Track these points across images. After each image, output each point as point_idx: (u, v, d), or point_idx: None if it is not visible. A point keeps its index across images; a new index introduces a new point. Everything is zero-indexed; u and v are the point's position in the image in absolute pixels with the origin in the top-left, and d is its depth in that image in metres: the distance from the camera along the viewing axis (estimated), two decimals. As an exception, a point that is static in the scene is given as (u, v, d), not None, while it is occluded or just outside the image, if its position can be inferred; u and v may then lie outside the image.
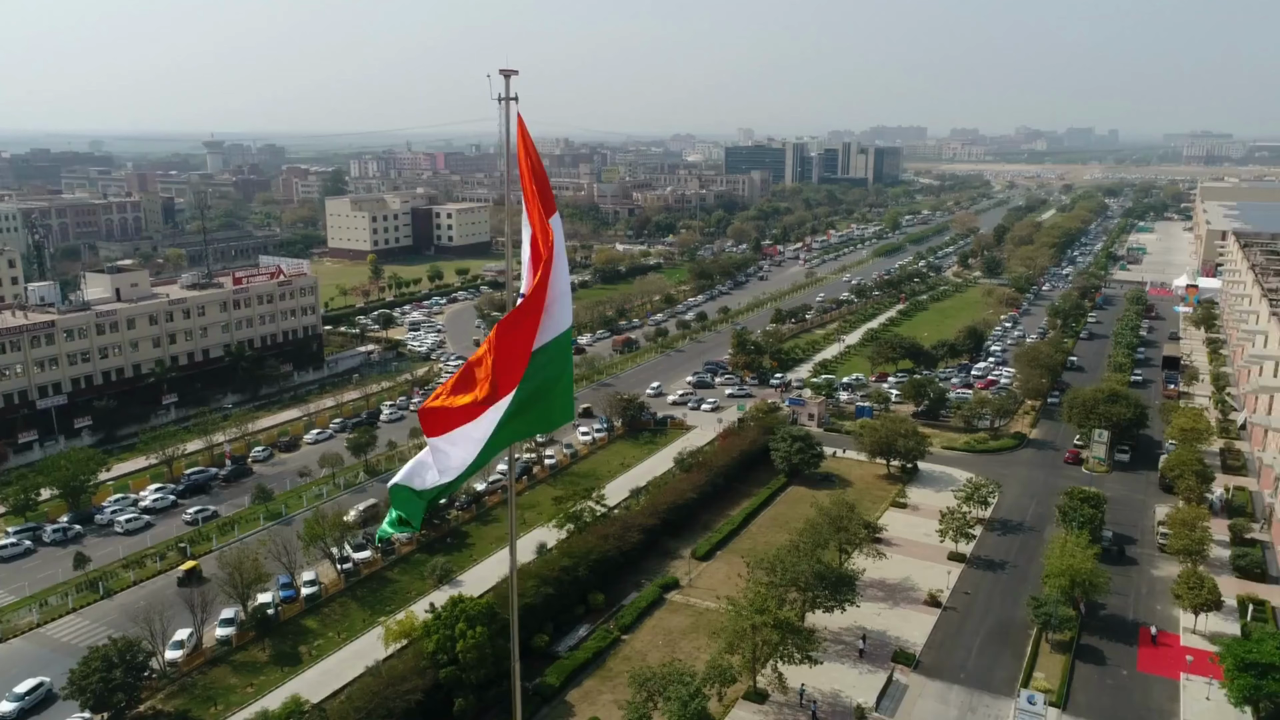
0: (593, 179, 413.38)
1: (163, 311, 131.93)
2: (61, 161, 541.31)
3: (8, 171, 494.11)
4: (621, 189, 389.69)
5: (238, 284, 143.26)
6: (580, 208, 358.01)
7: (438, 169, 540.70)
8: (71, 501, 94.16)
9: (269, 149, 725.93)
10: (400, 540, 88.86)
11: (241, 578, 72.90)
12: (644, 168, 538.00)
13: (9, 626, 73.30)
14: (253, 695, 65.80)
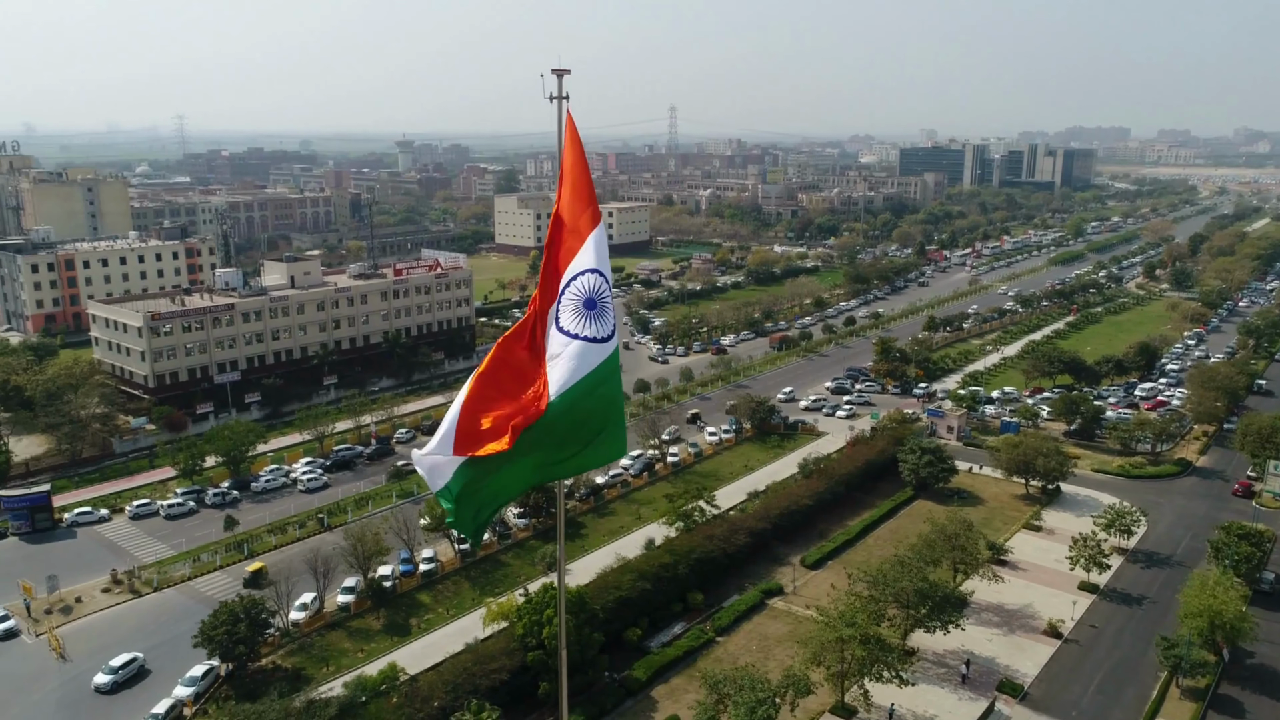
0: (758, 180, 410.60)
1: (329, 298, 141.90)
2: (272, 160, 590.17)
3: (226, 168, 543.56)
4: (786, 190, 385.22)
5: (398, 275, 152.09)
6: (743, 208, 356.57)
7: (608, 169, 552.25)
8: (232, 469, 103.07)
9: (455, 149, 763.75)
10: (518, 526, 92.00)
11: (362, 550, 77.58)
12: (814, 169, 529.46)
13: (165, 578, 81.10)
14: (361, 660, 69.95)
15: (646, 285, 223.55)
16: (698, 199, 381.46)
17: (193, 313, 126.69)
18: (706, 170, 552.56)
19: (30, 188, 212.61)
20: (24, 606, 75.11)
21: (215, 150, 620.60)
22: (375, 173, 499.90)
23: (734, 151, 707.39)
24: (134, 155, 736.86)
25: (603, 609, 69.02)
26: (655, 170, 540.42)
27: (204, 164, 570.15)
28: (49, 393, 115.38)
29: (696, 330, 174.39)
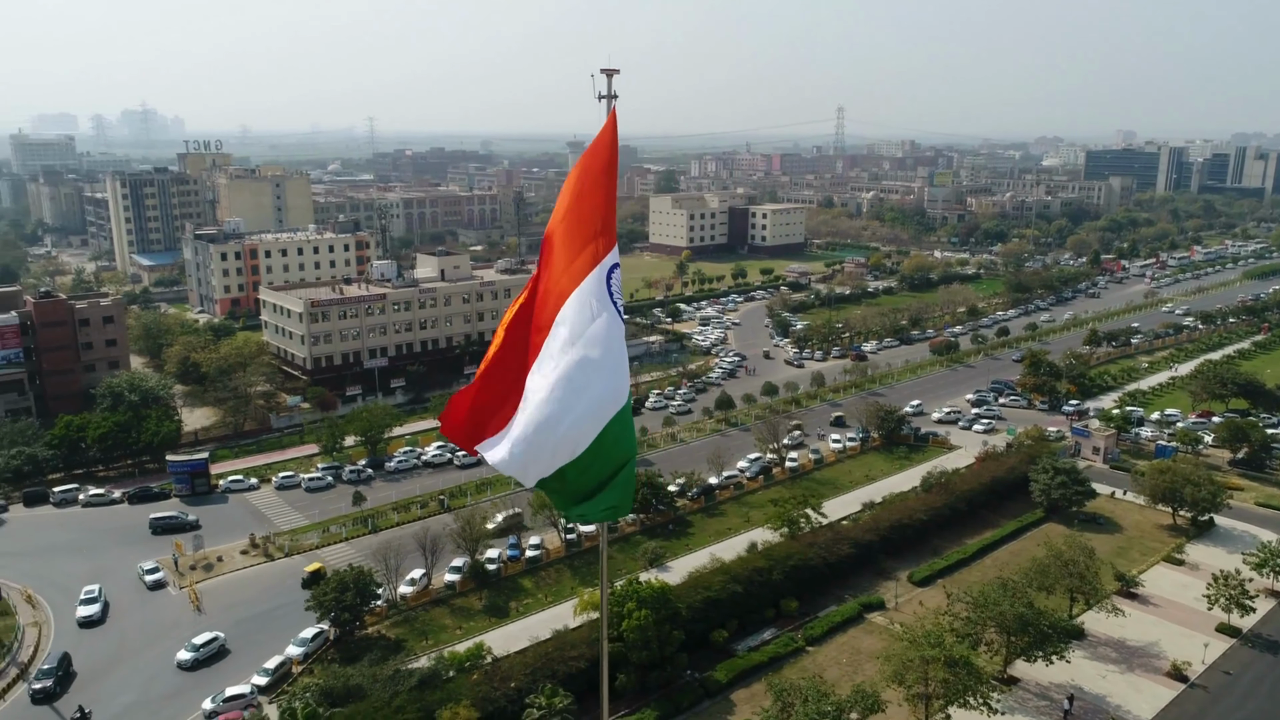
0: (924, 183, 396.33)
1: (474, 291, 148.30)
2: (450, 159, 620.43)
3: (409, 167, 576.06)
4: (954, 194, 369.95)
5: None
6: (905, 212, 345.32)
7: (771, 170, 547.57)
8: (370, 449, 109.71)
9: (625, 150, 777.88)
10: (625, 521, 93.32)
11: (471, 532, 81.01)
12: (988, 172, 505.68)
13: (296, 545, 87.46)
14: (459, 637, 73.03)
15: (794, 288, 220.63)
16: (859, 201, 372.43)
17: (348, 301, 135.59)
18: (874, 173, 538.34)
19: (226, 183, 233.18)
20: (173, 561, 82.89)
21: (400, 150, 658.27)
22: (544, 172, 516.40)
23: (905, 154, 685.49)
24: (331, 154, 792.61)
25: (687, 608, 69.17)
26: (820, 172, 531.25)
27: (389, 163, 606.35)
28: (220, 370, 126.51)
29: (838, 335, 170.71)
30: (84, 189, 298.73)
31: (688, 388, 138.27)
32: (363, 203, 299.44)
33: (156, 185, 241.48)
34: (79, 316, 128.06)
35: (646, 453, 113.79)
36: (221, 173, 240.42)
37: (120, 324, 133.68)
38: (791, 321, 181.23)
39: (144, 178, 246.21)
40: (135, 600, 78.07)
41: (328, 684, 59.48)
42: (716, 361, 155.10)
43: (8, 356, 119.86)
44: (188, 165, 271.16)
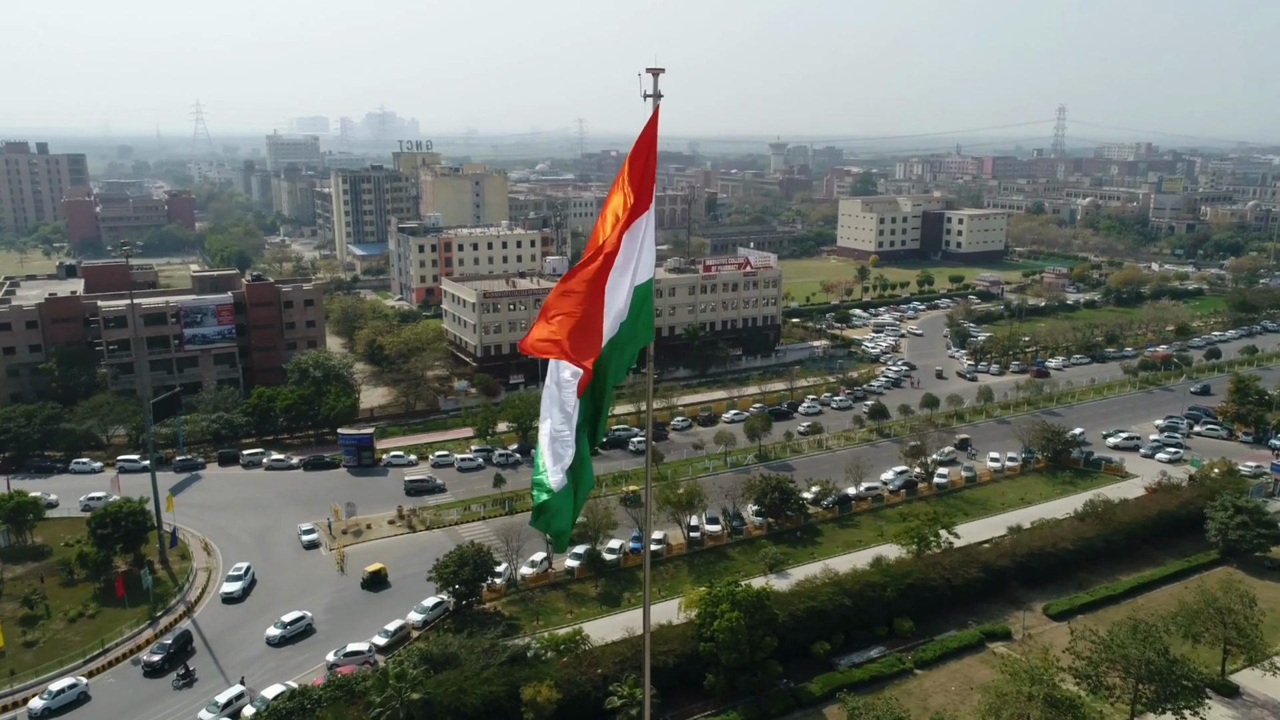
0: (1150, 190, 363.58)
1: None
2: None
3: (613, 167, 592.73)
4: (1185, 202, 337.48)
5: (707, 271, 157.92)
6: (1124, 220, 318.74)
7: (982, 173, 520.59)
8: (521, 435, 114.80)
9: (828, 151, 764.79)
10: (753, 524, 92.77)
11: (594, 521, 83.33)
12: (1234, 178, 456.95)
13: (437, 519, 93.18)
14: (569, 621, 75.32)
15: (982, 298, 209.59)
16: (1073, 208, 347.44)
17: (518, 294, 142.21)
18: (1096, 178, 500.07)
19: (431, 180, 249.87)
20: (327, 525, 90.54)
21: (607, 151, 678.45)
22: (742, 173, 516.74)
23: (1138, 157, 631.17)
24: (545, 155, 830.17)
25: (790, 616, 68.07)
26: (1034, 176, 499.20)
27: (595, 163, 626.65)
28: (400, 353, 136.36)
29: (1020, 349, 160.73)
30: (316, 185, 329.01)
31: (845, 395, 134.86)
32: (558, 200, 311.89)
33: (372, 182, 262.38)
34: (284, 299, 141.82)
35: (789, 458, 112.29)
36: (428, 171, 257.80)
37: (319, 307, 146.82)
38: (972, 332, 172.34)
39: (362, 175, 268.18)
40: (290, 557, 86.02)
41: (428, 650, 63.31)
42: (882, 370, 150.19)
43: (222, 332, 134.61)
44: (401, 164, 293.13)
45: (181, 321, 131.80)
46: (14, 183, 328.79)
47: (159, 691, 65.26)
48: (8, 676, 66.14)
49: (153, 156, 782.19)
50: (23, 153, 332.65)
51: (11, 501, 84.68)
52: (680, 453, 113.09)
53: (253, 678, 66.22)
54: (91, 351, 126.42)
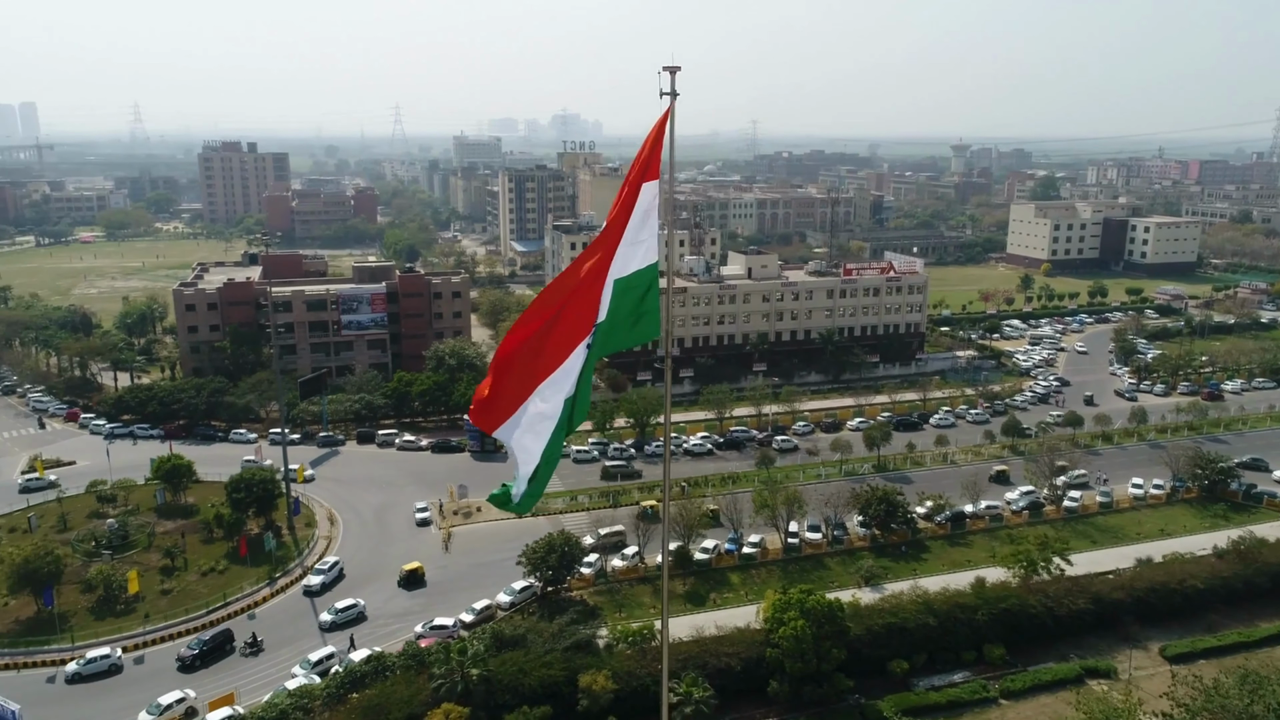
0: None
1: (775, 291, 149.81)
2: (828, 161, 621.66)
3: (783, 168, 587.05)
4: None
5: (847, 275, 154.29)
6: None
7: (1185, 178, 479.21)
8: (640, 430, 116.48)
9: (1016, 154, 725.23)
10: (856, 535, 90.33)
11: (685, 520, 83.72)
12: None
13: (543, 506, 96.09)
14: (651, 615, 76.02)
15: (1161, 312, 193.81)
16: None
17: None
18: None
19: (589, 180, 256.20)
20: (438, 505, 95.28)
21: (779, 153, 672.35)
22: (916, 176, 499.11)
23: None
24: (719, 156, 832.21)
25: (867, 630, 66.15)
26: (1246, 182, 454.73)
27: (766, 164, 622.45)
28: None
29: (1194, 369, 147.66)
30: (488, 183, 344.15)
31: (983, 409, 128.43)
32: (717, 201, 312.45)
33: (536, 181, 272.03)
34: (433, 290, 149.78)
35: (909, 470, 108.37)
36: (587, 170, 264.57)
37: (465, 299, 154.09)
38: (1140, 349, 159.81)
39: (527, 174, 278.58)
40: (403, 533, 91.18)
41: (500, 629, 65.76)
42: (1030, 385, 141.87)
43: (375, 319, 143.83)
44: (564, 164, 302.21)
45: (340, 308, 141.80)
46: (227, 178, 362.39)
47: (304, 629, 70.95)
48: (143, 619, 73.80)
49: (355, 156, 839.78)
50: (236, 151, 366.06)
51: (169, 464, 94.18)
52: (795, 457, 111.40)
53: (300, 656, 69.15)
54: (261, 332, 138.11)
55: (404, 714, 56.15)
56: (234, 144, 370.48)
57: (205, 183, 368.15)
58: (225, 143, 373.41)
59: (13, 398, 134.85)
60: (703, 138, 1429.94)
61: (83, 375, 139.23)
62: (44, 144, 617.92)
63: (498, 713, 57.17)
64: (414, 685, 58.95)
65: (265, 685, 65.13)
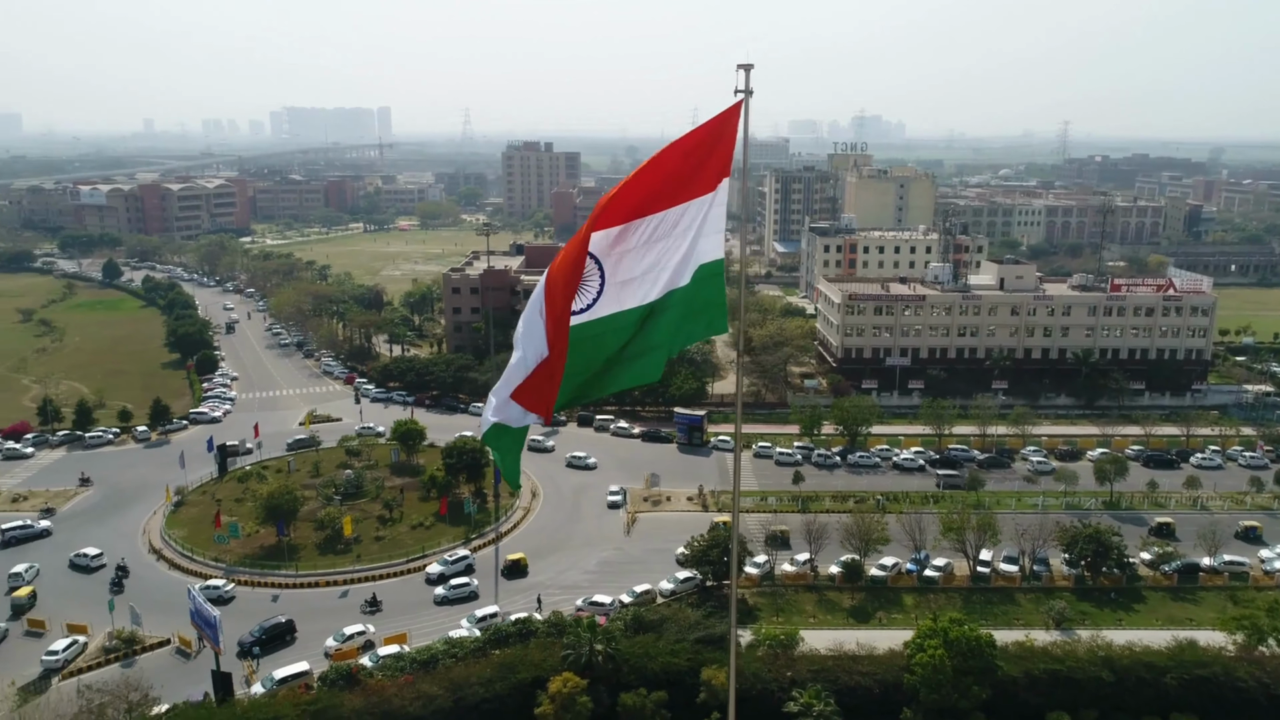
0: None
1: (1026, 305, 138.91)
2: (1149, 166, 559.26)
3: (1094, 174, 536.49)
4: None
5: (1114, 291, 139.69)
6: None
7: None
8: (849, 439, 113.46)
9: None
10: (1060, 573, 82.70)
11: (861, 534, 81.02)
12: None
13: (729, 503, 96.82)
14: (810, 624, 74.63)
15: None
16: None
17: (884, 298, 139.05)
18: None
19: (855, 182, 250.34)
20: (622, 492, 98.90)
21: (1091, 156, 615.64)
22: (1255, 185, 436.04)
23: None
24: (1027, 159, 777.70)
25: (1024, 673, 60.79)
26: None
27: (1075, 169, 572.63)
28: (764, 345, 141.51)
29: None
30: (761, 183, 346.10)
31: (1262, 452, 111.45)
32: (1000, 207, 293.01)
33: (802, 182, 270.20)
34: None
35: (1147, 510, 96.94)
36: (854, 172, 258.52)
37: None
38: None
39: (793, 175, 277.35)
40: (594, 513, 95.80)
41: (640, 613, 67.77)
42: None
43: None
44: (833, 165, 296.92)
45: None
46: (524, 175, 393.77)
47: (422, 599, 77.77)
48: (355, 559, 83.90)
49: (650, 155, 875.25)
50: (534, 150, 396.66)
51: (404, 427, 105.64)
52: (1012, 483, 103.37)
53: (414, 628, 72.39)
54: (513, 316, 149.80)
55: (531, 676, 59.69)
56: (533, 144, 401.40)
57: (506, 179, 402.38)
58: (526, 142, 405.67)
59: (309, 360, 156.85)
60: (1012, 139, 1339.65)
61: (365, 345, 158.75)
62: (385, 143, 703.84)
63: (616, 690, 59.17)
64: (548, 651, 62.43)
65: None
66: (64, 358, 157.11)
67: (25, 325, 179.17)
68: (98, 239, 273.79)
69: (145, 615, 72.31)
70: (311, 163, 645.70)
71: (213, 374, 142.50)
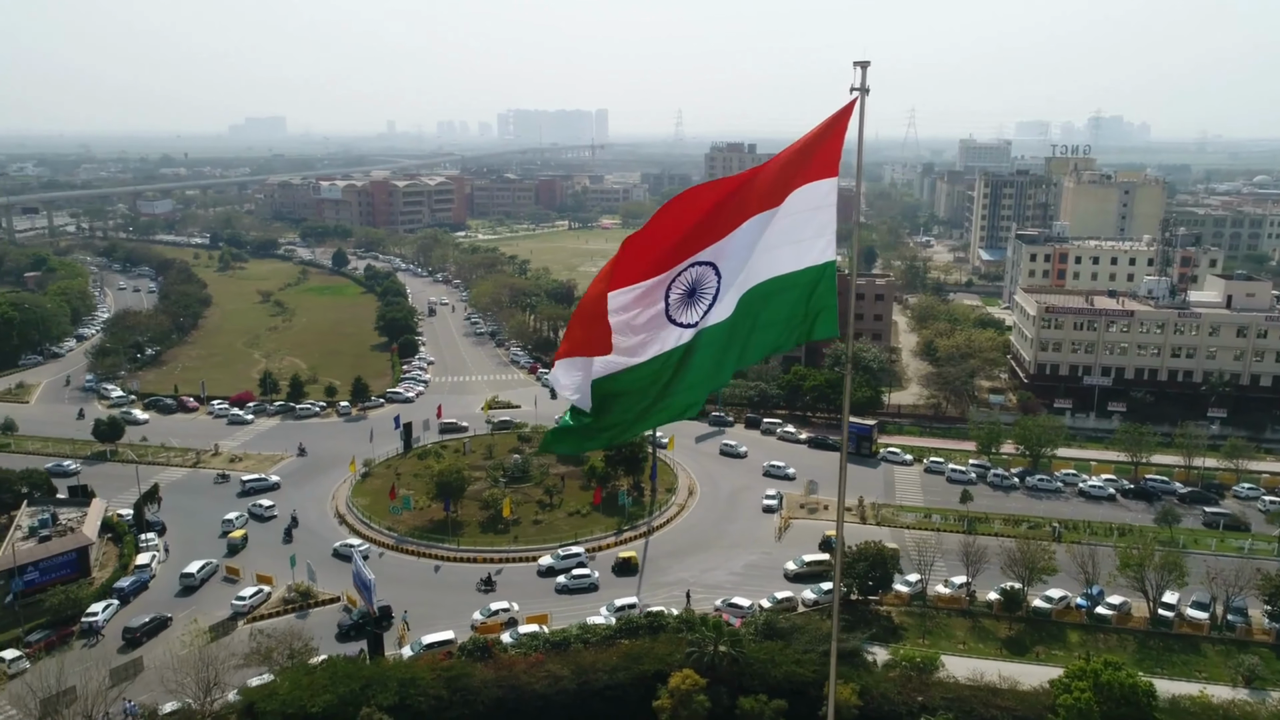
0: None
1: (1256, 325, 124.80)
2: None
3: None
4: None
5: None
6: None
7: None
8: (1031, 460, 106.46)
9: None
10: (1259, 626, 74.07)
11: (1025, 561, 75.95)
12: None
13: (888, 518, 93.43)
14: (959, 651, 70.92)
15: None
16: None
17: (1085, 311, 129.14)
18: None
19: (1072, 187, 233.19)
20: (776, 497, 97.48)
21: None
22: None
23: None
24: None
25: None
26: None
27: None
28: (950, 356, 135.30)
29: None
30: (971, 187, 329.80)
31: None
32: (1249, 218, 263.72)
33: (1015, 187, 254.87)
34: (856, 291, 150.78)
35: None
36: (1073, 177, 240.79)
37: (888, 302, 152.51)
38: None
39: (1005, 179, 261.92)
40: (748, 514, 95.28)
41: (773, 619, 66.85)
42: None
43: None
44: (1051, 169, 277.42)
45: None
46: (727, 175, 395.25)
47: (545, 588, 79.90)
48: (512, 540, 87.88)
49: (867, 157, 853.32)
50: (738, 151, 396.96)
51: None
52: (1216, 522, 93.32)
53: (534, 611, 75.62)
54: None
55: (654, 668, 60.38)
56: (737, 145, 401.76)
57: (709, 179, 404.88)
58: (730, 144, 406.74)
59: (500, 349, 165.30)
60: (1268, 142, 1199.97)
61: (552, 337, 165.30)
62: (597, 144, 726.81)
63: (737, 693, 58.81)
64: (674, 646, 62.92)
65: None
66: (290, 336, 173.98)
67: (263, 305, 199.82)
68: (331, 230, 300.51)
69: (322, 574, 79.19)
70: (529, 162, 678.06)
71: (412, 357, 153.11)
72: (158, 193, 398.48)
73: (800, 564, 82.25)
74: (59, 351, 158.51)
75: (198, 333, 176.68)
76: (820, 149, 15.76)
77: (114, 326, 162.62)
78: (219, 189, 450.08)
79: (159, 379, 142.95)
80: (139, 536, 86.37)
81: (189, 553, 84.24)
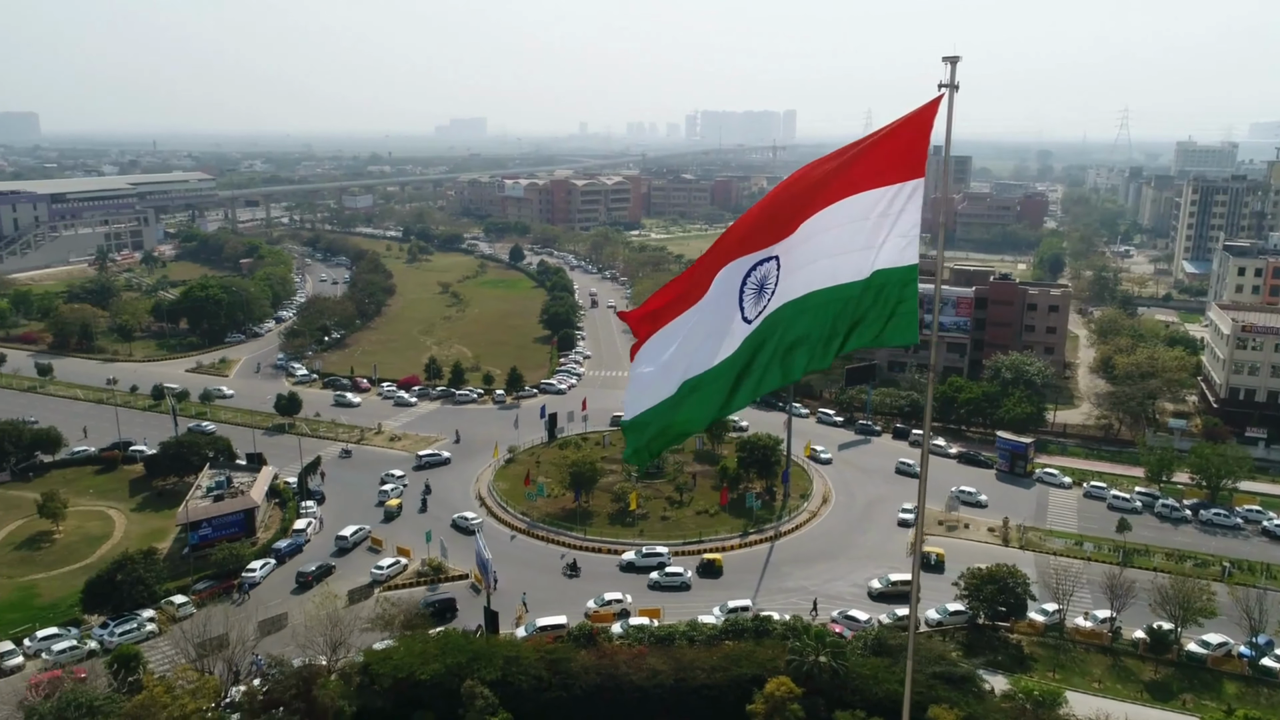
0: None
1: None
2: None
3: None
4: None
5: None
6: None
7: None
8: (1209, 492, 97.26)
9: None
10: None
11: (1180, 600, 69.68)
12: None
13: (1031, 541, 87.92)
14: (1093, 690, 66.10)
15: None
16: None
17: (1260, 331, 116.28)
18: None
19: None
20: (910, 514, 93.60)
21: None
22: None
23: None
24: None
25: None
26: None
27: None
28: (1128, 374, 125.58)
29: None
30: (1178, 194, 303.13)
31: None
32: None
33: (1229, 194, 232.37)
34: (1028, 301, 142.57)
35: None
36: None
37: (1063, 314, 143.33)
38: None
39: (1218, 185, 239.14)
40: (883, 526, 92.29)
41: (882, 635, 64.59)
42: None
43: (958, 322, 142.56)
44: (1275, 174, 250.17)
45: (923, 308, 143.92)
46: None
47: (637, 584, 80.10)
48: (638, 533, 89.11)
49: (1071, 160, 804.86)
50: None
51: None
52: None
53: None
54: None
55: (753, 673, 59.86)
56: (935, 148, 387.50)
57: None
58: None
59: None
60: None
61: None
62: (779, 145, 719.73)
63: (833, 706, 57.36)
64: (776, 652, 62.07)
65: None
66: (461, 325, 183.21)
67: (441, 296, 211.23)
68: (512, 226, 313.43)
69: (454, 550, 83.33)
70: (710, 163, 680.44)
71: (569, 351, 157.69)
72: (361, 188, 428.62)
73: (885, 583, 79.04)
74: (259, 331, 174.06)
75: (380, 319, 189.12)
76: (903, 148, 15.26)
77: (305, 310, 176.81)
78: (417, 185, 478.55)
79: (341, 360, 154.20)
80: (300, 504, 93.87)
81: (345, 520, 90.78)
